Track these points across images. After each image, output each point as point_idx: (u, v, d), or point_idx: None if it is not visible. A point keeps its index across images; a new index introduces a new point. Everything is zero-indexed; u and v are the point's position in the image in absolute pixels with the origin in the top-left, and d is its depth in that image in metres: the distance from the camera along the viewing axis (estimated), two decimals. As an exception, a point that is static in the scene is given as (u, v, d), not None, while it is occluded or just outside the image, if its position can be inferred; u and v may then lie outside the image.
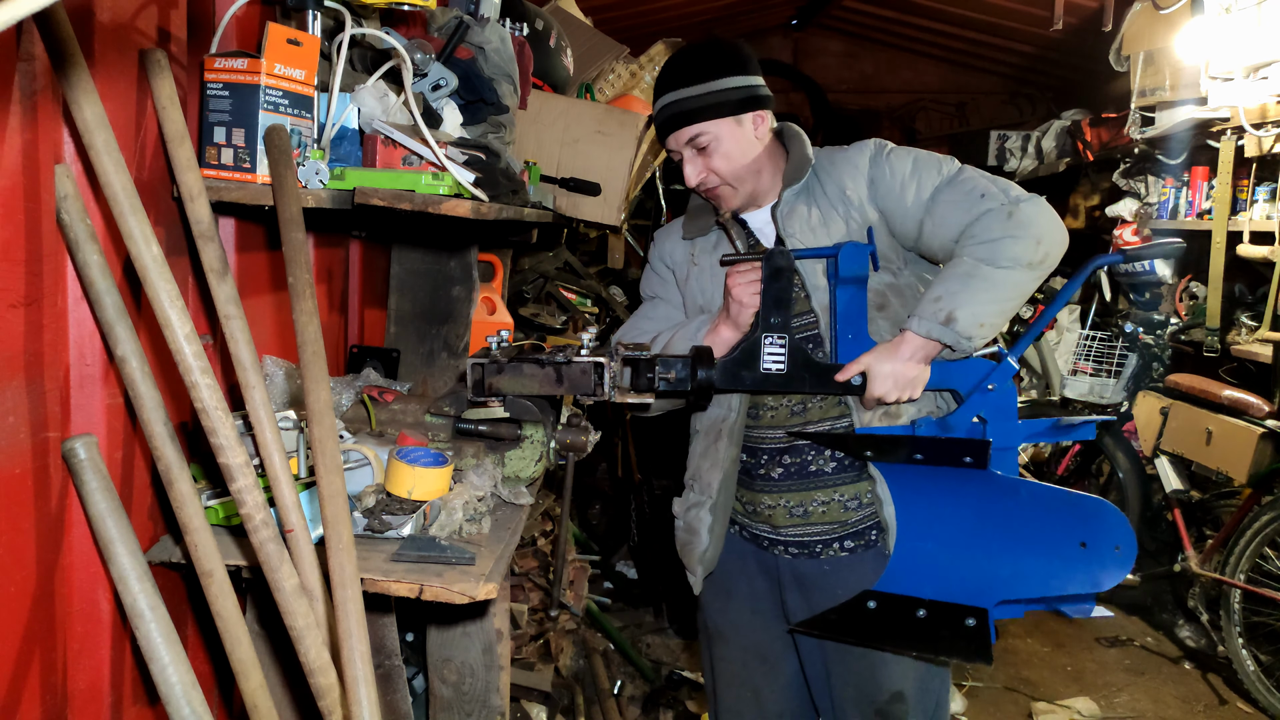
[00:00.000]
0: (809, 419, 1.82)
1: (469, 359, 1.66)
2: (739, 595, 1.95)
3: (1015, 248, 1.63)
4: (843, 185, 1.79)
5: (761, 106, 1.81)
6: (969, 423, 1.72)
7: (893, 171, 1.76)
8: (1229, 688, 3.55)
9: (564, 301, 3.50)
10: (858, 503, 1.81)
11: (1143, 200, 5.00)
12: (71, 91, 1.13)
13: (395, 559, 1.39)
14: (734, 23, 7.19)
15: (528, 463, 1.70)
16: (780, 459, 1.84)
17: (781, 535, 1.85)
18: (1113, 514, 1.59)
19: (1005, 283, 1.64)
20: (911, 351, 1.68)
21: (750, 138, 1.80)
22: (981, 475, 1.64)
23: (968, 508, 1.68)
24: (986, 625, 1.64)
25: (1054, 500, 1.65)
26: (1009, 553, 1.66)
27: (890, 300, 1.79)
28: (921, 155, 1.79)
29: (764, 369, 1.70)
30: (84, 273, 1.20)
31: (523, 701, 2.92)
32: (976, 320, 1.64)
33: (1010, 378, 1.71)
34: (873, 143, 1.82)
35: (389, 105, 1.55)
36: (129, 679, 1.39)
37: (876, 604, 1.72)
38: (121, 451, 1.34)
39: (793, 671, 1.97)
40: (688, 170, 1.81)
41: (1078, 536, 1.61)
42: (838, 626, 1.77)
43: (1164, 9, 4.20)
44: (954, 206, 1.70)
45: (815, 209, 1.80)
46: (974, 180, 1.72)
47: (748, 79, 1.79)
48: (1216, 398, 3.67)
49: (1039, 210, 1.66)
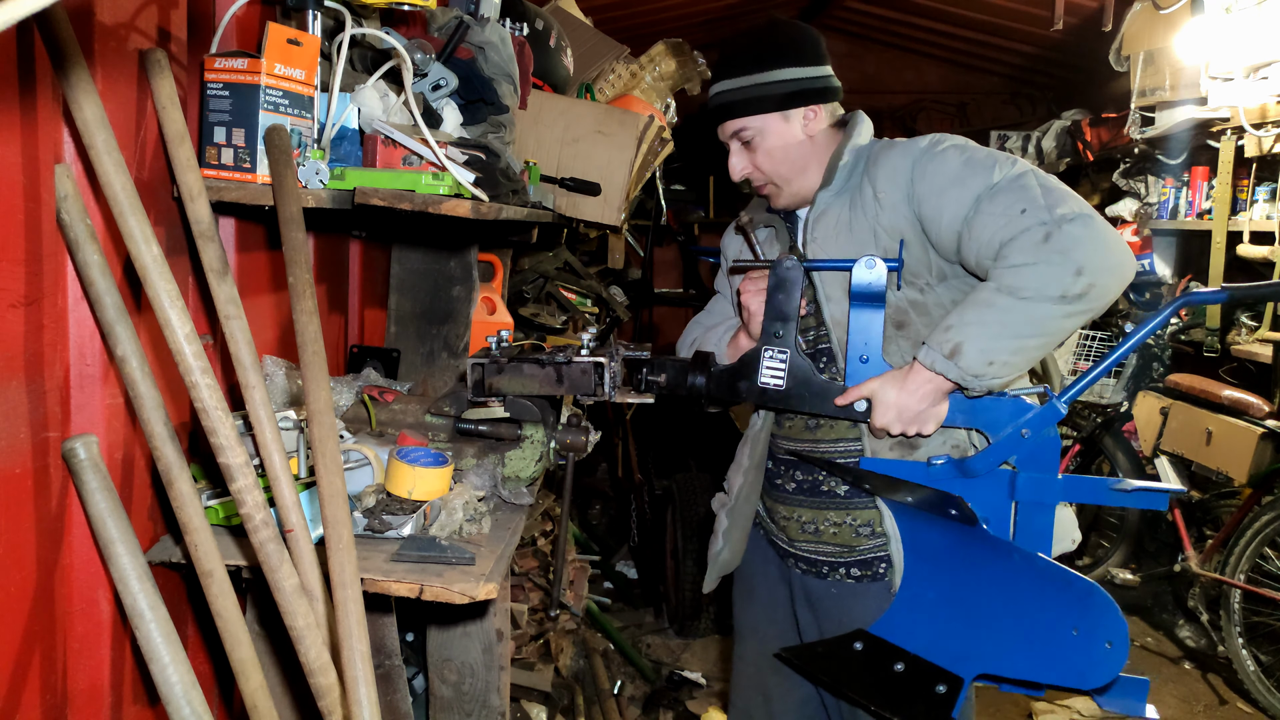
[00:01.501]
0: (820, 437, 1.74)
1: (469, 359, 1.66)
2: (759, 599, 1.93)
3: (1044, 276, 1.42)
4: (876, 189, 1.62)
5: (816, 100, 1.68)
6: (995, 470, 1.55)
7: (936, 173, 1.56)
8: (1229, 688, 3.55)
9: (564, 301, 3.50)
10: (870, 530, 1.72)
11: (1143, 200, 5.00)
12: (71, 91, 1.13)
13: (395, 559, 1.39)
14: (736, 23, 7.17)
15: (528, 463, 1.70)
16: (794, 472, 1.79)
17: (794, 549, 1.81)
18: (1107, 604, 1.41)
19: (1029, 316, 1.44)
20: (919, 383, 1.53)
21: (797, 134, 1.69)
22: (978, 533, 1.49)
23: (965, 565, 1.55)
24: (955, 696, 1.52)
25: (1047, 576, 1.47)
26: (994, 623, 1.51)
27: (912, 318, 1.63)
28: (977, 155, 1.56)
29: (761, 383, 1.63)
30: (84, 273, 1.20)
31: (523, 701, 2.92)
32: (985, 357, 1.45)
33: (1053, 424, 1.52)
34: (927, 139, 1.62)
35: (389, 105, 1.55)
36: (129, 679, 1.39)
37: (863, 646, 1.63)
38: (121, 451, 1.34)
39: (811, 688, 1.89)
40: (732, 163, 1.74)
41: (1069, 621, 1.44)
42: (820, 661, 1.70)
43: (1164, 9, 4.20)
44: (992, 219, 1.49)
45: (848, 213, 1.65)
46: (1023, 190, 1.48)
47: (803, 70, 1.66)
48: (1216, 398, 3.67)
49: (1088, 234, 1.42)
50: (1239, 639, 3.43)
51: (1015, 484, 1.55)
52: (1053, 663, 1.48)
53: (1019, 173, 1.52)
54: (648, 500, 4.35)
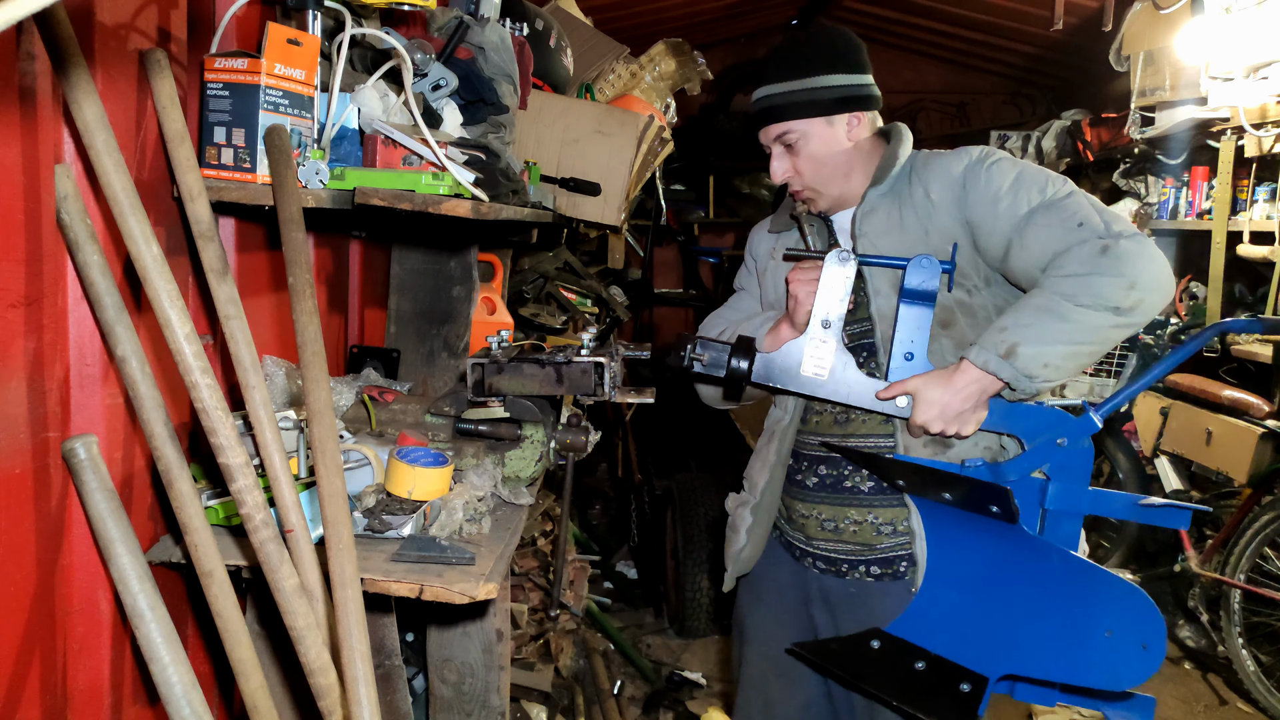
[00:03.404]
0: (851, 431, 1.74)
1: (469, 359, 1.66)
2: (767, 603, 1.92)
3: (1103, 286, 1.48)
4: (929, 189, 1.67)
5: (859, 108, 1.72)
6: (1027, 477, 1.56)
7: (990, 181, 1.63)
8: (1229, 688, 3.55)
9: (564, 301, 3.50)
10: (892, 529, 1.73)
11: (1143, 200, 5.00)
12: (71, 91, 1.13)
13: (395, 559, 1.39)
14: (735, 22, 7.18)
15: (528, 463, 1.70)
16: (817, 468, 1.79)
17: (812, 547, 1.81)
18: (1146, 606, 1.41)
19: (1084, 324, 1.49)
20: (966, 383, 1.55)
21: (841, 139, 1.72)
22: (1015, 532, 1.48)
23: (995, 563, 1.55)
24: (980, 695, 1.51)
25: (1086, 576, 1.47)
26: (1025, 622, 1.51)
27: (958, 319, 1.66)
28: (1029, 170, 1.64)
29: (803, 372, 1.64)
30: (84, 273, 1.20)
31: (523, 701, 2.92)
32: (1041, 359, 1.49)
33: (1088, 436, 1.54)
34: (977, 150, 1.69)
35: (389, 105, 1.55)
36: (129, 679, 1.39)
37: (880, 644, 1.63)
38: (121, 451, 1.34)
39: (816, 694, 1.88)
40: (774, 166, 1.75)
41: (1104, 622, 1.44)
42: (835, 657, 1.70)
43: (1164, 9, 4.20)
44: (1047, 230, 1.55)
45: (897, 212, 1.69)
46: (1077, 206, 1.56)
47: (848, 77, 1.70)
48: (1216, 398, 3.67)
49: (1141, 251, 1.49)
50: (1239, 639, 3.43)
51: (1046, 492, 1.56)
52: (1084, 664, 1.48)
53: (1071, 190, 1.60)
54: (648, 500, 4.35)
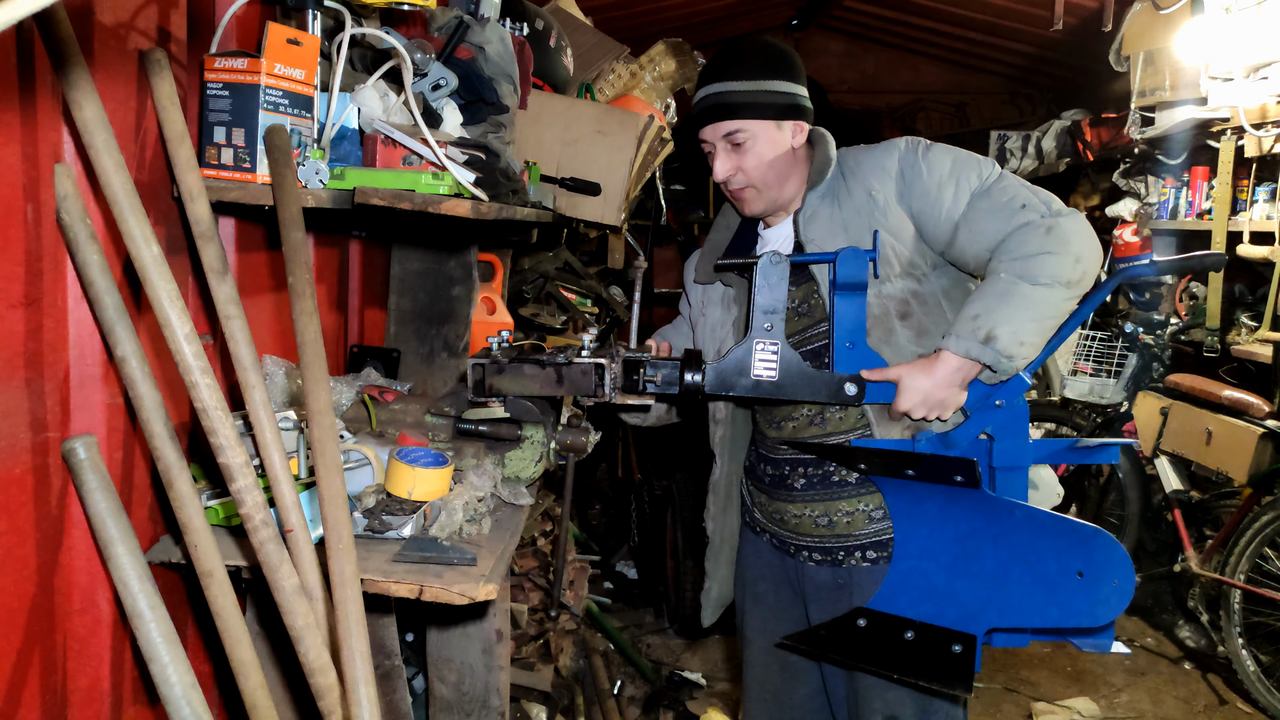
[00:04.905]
0: (828, 430, 1.79)
1: (469, 359, 1.67)
2: (765, 602, 1.96)
3: (1054, 264, 1.57)
4: (869, 187, 1.73)
5: (803, 118, 1.78)
6: (973, 440, 1.66)
7: (929, 170, 1.69)
8: (1229, 688, 3.55)
9: (564, 301, 3.50)
10: (882, 513, 1.78)
11: (1143, 200, 5.00)
12: (71, 91, 1.13)
13: (395, 559, 1.39)
14: (735, 22, 7.18)
15: (528, 463, 1.70)
16: (803, 470, 1.82)
17: (806, 542, 1.84)
18: (1111, 545, 1.51)
19: (1044, 301, 1.58)
20: (949, 372, 1.62)
21: (786, 144, 1.77)
22: (978, 495, 1.58)
23: (963, 528, 1.63)
24: (972, 653, 1.58)
25: (1051, 526, 1.57)
26: (1001, 578, 1.59)
27: (914, 308, 1.73)
28: (961, 156, 1.71)
29: (754, 375, 1.67)
30: (84, 273, 1.20)
31: (523, 701, 2.92)
32: (1017, 339, 1.58)
33: (1021, 394, 1.65)
34: (904, 141, 1.75)
35: (389, 105, 1.55)
36: (129, 679, 1.39)
37: (866, 622, 1.67)
38: (121, 451, 1.34)
39: (817, 685, 1.94)
40: (717, 165, 1.79)
41: (1074, 565, 1.53)
42: (825, 642, 1.73)
43: (1164, 9, 4.20)
44: (991, 215, 1.64)
45: (839, 213, 1.75)
46: (1014, 189, 1.65)
47: (796, 87, 1.76)
48: (1216, 398, 3.67)
49: (1078, 226, 1.61)
50: (1239, 639, 3.43)
51: (992, 451, 1.66)
52: (1061, 606, 1.56)
53: (1001, 171, 1.71)
54: (648, 500, 4.35)
